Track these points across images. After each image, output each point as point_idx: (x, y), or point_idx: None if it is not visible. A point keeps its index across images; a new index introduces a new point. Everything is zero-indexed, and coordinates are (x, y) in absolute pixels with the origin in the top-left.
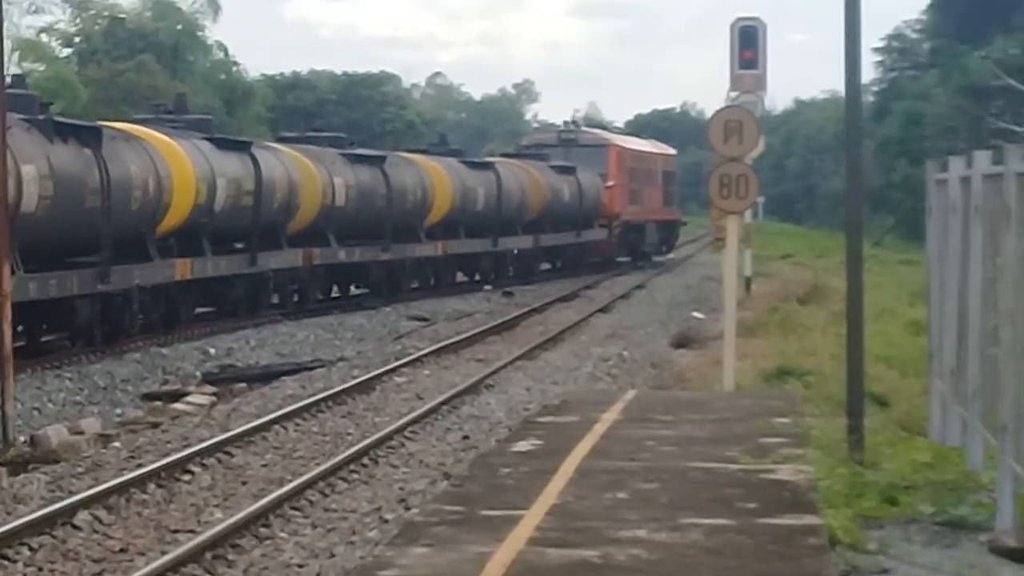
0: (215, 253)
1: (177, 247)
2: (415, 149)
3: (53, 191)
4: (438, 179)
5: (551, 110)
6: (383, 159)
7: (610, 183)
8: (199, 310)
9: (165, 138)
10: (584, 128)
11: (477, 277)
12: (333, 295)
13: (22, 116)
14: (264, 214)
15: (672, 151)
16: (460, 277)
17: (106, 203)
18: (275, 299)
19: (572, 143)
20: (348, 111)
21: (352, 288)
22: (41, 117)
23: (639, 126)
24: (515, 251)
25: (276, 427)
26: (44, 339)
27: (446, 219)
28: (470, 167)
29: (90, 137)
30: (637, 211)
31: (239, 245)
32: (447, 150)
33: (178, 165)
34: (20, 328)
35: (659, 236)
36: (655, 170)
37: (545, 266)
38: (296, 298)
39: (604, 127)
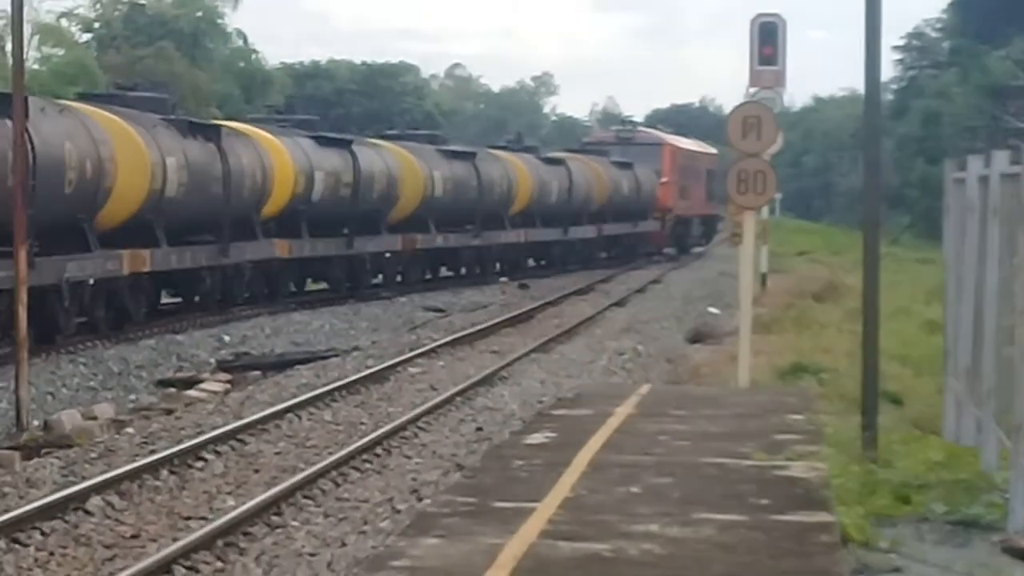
0: (315, 236)
1: (277, 230)
2: (495, 146)
3: (188, 179)
4: (520, 173)
5: (569, 103)
6: (474, 155)
7: (664, 179)
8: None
9: (270, 136)
10: (640, 128)
11: (544, 261)
12: (426, 278)
13: (161, 116)
14: (362, 204)
15: (714, 151)
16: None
17: (226, 190)
18: (379, 279)
19: (629, 141)
20: (367, 101)
21: (443, 270)
22: (172, 117)
23: (657, 121)
24: (580, 240)
25: (290, 416)
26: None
27: (525, 210)
28: (545, 163)
29: (213, 134)
30: (685, 206)
31: (345, 231)
32: (523, 147)
33: (279, 159)
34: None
35: (702, 229)
36: (700, 168)
37: (603, 255)
38: (399, 279)
39: (652, 126)
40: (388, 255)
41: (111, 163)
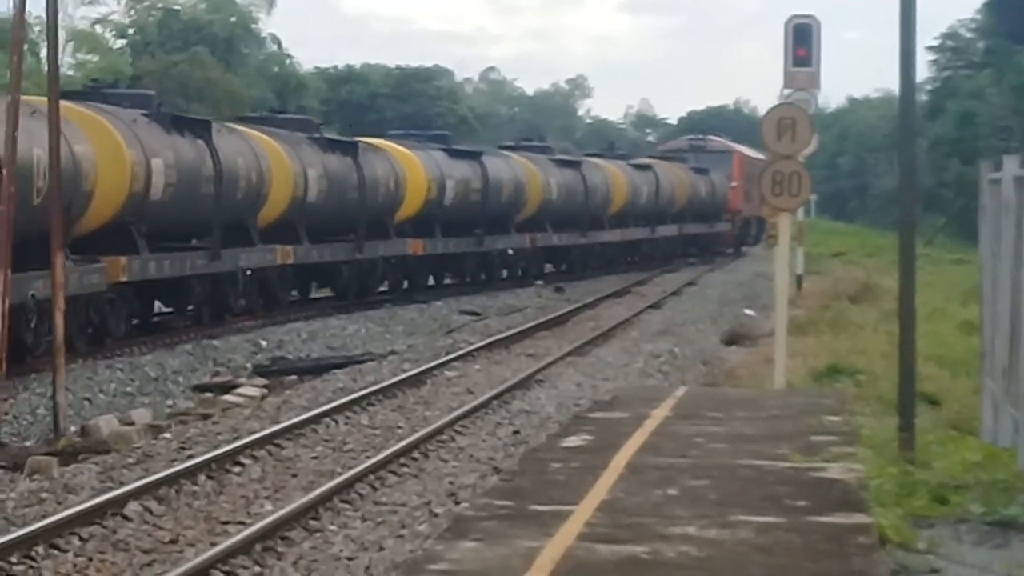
0: (447, 237)
1: (413, 231)
2: (593, 153)
3: (327, 186)
4: (615, 178)
5: (604, 106)
6: (580, 163)
7: (734, 184)
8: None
9: (404, 149)
10: (711, 137)
11: (636, 258)
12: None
13: (306, 136)
14: (491, 207)
15: (763, 156)
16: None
17: (361, 195)
18: (504, 274)
19: (702, 149)
20: (401, 104)
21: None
22: (316, 136)
23: (692, 123)
24: (664, 238)
25: (326, 420)
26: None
27: (620, 211)
28: (636, 168)
29: (350, 148)
30: (750, 208)
31: (477, 231)
32: (616, 154)
33: (412, 169)
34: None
35: (760, 229)
36: (756, 173)
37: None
38: (520, 272)
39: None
40: (511, 252)
41: (268, 173)
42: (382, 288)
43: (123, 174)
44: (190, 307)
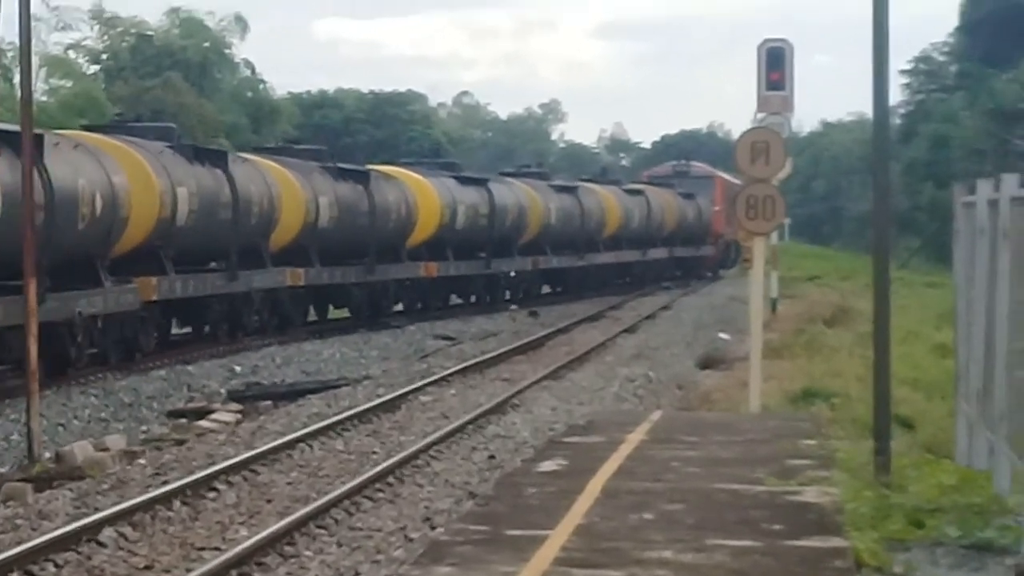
0: (458, 259)
1: (428, 254)
2: (586, 178)
3: (337, 213)
4: (609, 203)
5: (577, 130)
6: (576, 188)
7: (716, 208)
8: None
9: (418, 176)
10: (693, 163)
11: (628, 279)
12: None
13: (319, 164)
14: (497, 231)
15: (739, 181)
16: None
17: (372, 221)
18: (507, 295)
19: (685, 175)
20: (375, 130)
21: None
22: (328, 164)
23: (666, 147)
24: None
25: (301, 445)
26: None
27: (614, 234)
28: (628, 194)
29: (362, 177)
30: (731, 231)
31: (481, 255)
32: (609, 179)
33: (426, 196)
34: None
35: (739, 253)
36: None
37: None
38: (521, 295)
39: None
40: (513, 274)
41: (279, 200)
42: (397, 308)
43: (153, 201)
44: (206, 327)
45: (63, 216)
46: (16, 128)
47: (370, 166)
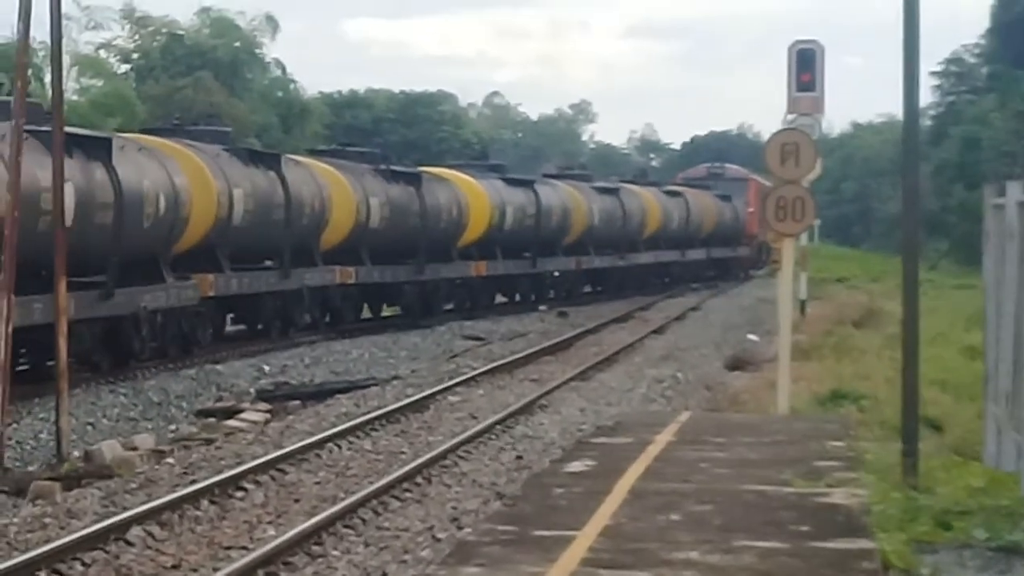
0: (505, 258)
1: (478, 253)
2: (627, 180)
3: (389, 213)
4: (650, 204)
5: (608, 131)
6: (618, 190)
7: (751, 210)
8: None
9: (469, 178)
10: (728, 165)
11: (667, 279)
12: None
13: (371, 167)
14: (543, 232)
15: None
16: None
17: (424, 222)
18: (551, 294)
19: (720, 177)
20: (405, 130)
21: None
22: (381, 167)
23: (695, 148)
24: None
25: (329, 445)
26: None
27: (654, 235)
28: (668, 195)
29: (413, 179)
30: (764, 233)
31: (527, 254)
32: (647, 181)
33: (476, 197)
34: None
35: (771, 252)
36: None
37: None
38: (564, 294)
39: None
40: (557, 273)
41: (329, 201)
42: (448, 307)
43: (211, 202)
44: (259, 325)
45: (131, 215)
46: (88, 132)
47: (421, 168)
